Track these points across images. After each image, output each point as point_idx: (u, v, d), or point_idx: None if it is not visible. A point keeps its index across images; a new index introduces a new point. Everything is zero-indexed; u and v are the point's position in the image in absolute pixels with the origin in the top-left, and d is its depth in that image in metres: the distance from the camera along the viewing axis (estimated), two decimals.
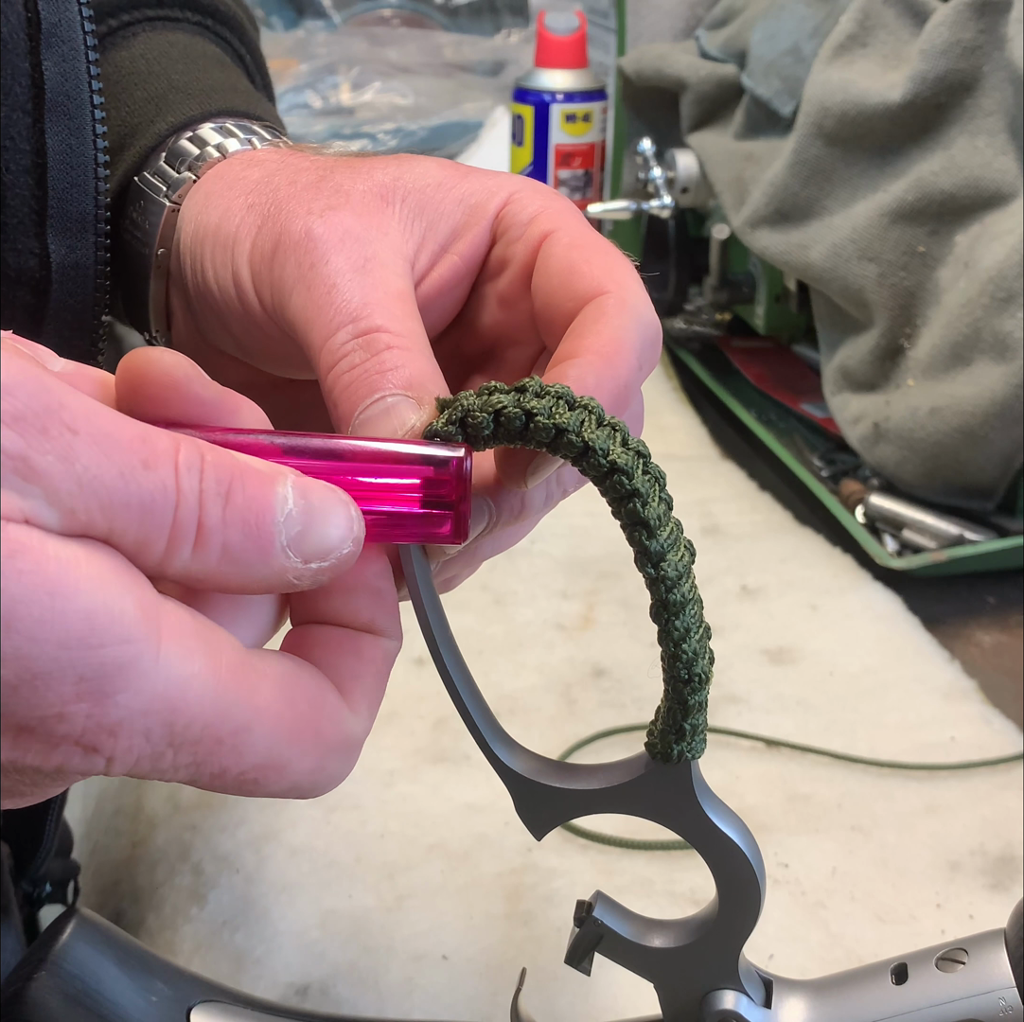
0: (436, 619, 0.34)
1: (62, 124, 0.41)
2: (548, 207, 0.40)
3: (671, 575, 0.32)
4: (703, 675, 0.33)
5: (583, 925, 0.37)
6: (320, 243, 0.37)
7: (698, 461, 1.02)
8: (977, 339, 0.85)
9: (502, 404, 0.31)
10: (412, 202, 0.40)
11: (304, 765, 0.31)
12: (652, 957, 0.37)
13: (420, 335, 0.37)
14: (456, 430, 0.32)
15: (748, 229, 1.01)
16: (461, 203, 0.40)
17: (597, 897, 0.38)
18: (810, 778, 0.67)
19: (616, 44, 1.35)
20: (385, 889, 0.60)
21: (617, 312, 0.36)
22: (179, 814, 0.66)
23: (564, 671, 0.75)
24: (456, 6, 1.96)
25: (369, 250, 0.38)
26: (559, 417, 0.31)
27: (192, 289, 0.42)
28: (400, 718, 0.71)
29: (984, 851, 0.62)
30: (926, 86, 0.88)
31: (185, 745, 0.28)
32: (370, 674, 0.33)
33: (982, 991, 0.34)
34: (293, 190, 0.39)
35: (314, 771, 0.31)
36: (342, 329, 0.36)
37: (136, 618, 0.26)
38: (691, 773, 0.34)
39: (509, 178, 0.41)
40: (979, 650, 0.80)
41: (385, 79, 1.72)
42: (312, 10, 1.97)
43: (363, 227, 0.38)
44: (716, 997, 0.37)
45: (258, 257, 0.39)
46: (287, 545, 0.28)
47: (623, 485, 0.31)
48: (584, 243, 0.39)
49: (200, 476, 0.27)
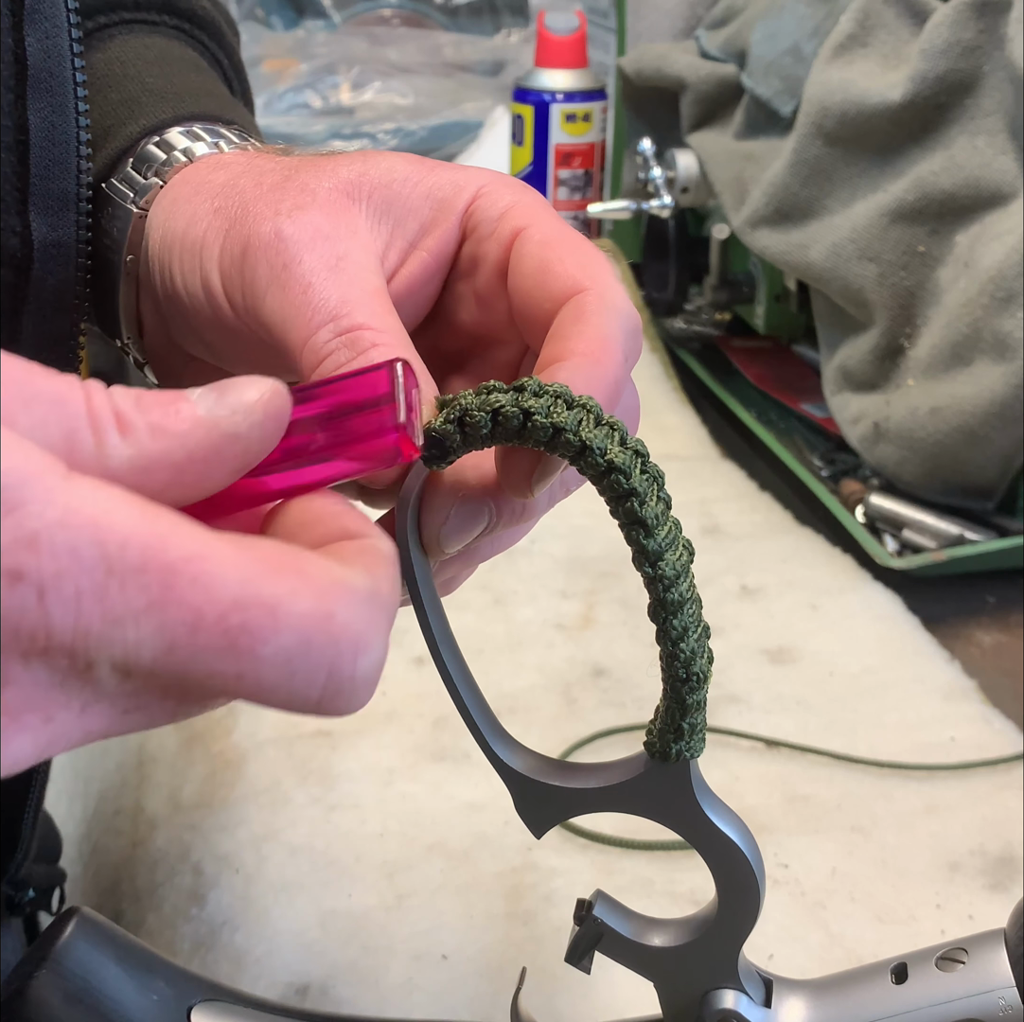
0: (436, 619, 0.34)
1: (44, 101, 0.41)
2: (518, 201, 0.40)
3: (669, 574, 0.31)
4: (701, 674, 0.33)
5: (583, 923, 0.37)
6: (291, 243, 0.37)
7: (698, 461, 1.02)
8: (977, 339, 0.85)
9: (500, 403, 0.31)
10: (378, 198, 0.40)
11: (300, 605, 0.25)
12: (652, 956, 0.37)
13: (401, 331, 0.36)
14: (454, 429, 0.32)
15: (748, 229, 1.01)
16: (428, 198, 0.40)
17: (597, 896, 0.38)
18: (810, 778, 0.67)
19: (616, 44, 1.35)
20: (385, 888, 0.60)
21: (596, 310, 0.36)
22: (179, 814, 0.66)
23: (564, 671, 0.75)
24: (456, 6, 1.96)
25: (340, 248, 0.38)
26: (557, 416, 0.31)
27: (161, 295, 0.42)
28: (400, 717, 0.71)
29: (984, 851, 0.62)
30: (926, 86, 0.88)
31: (129, 575, 0.24)
32: (355, 548, 0.29)
33: (982, 990, 0.34)
34: (259, 191, 0.39)
35: (320, 616, 0.26)
36: (323, 327, 0.36)
37: (41, 454, 0.25)
38: (690, 772, 0.34)
39: (477, 172, 0.41)
40: (979, 650, 0.80)
41: (385, 79, 1.73)
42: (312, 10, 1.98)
43: (332, 226, 0.38)
44: (716, 996, 0.37)
45: (228, 261, 0.38)
46: (210, 407, 0.28)
47: (621, 484, 0.31)
48: (556, 239, 0.39)
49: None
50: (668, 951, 0.37)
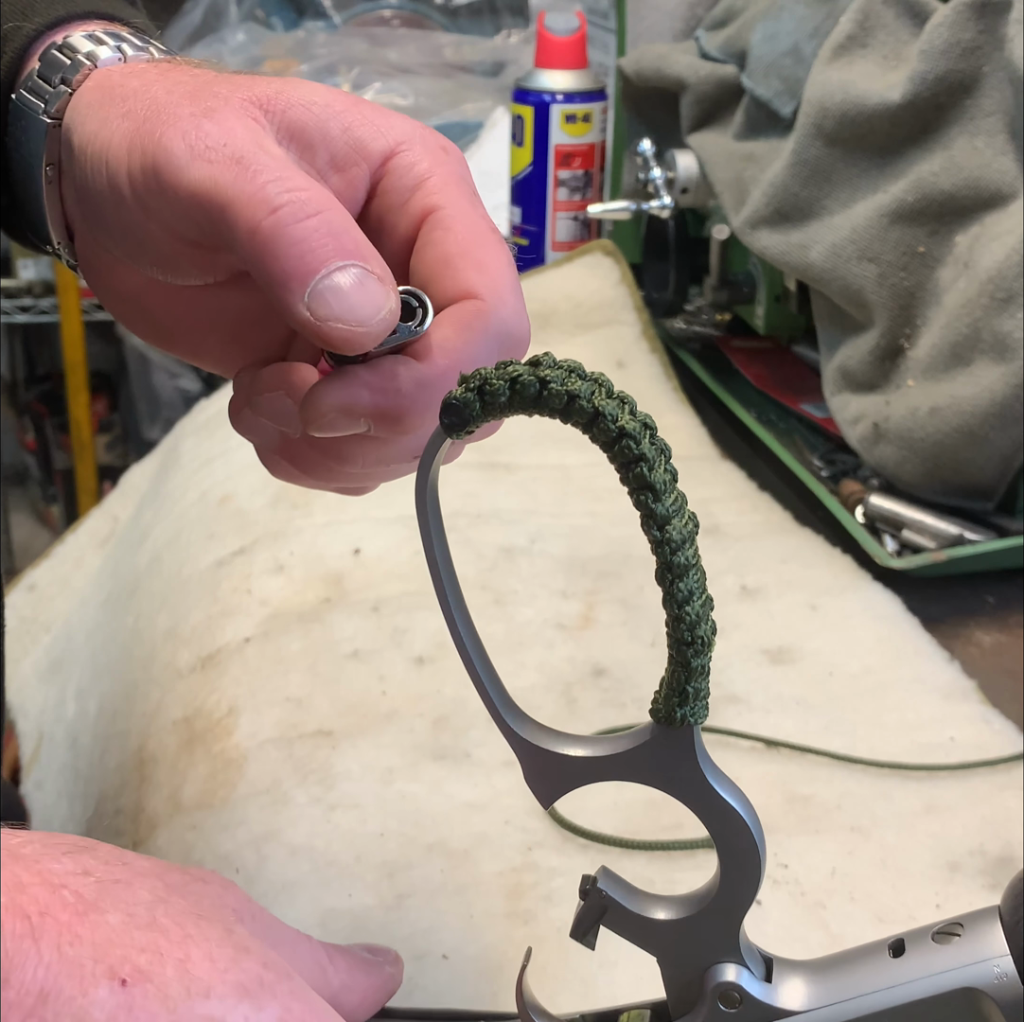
0: (451, 585, 0.36)
1: None
2: (435, 171, 0.40)
3: (675, 538, 0.33)
4: (705, 638, 0.34)
5: (587, 897, 0.38)
6: (212, 130, 0.38)
7: (698, 461, 1.02)
8: (977, 339, 0.85)
9: (518, 372, 0.33)
10: (293, 116, 0.40)
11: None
12: (655, 929, 0.38)
13: (343, 208, 0.37)
14: (474, 397, 0.34)
15: (748, 229, 1.01)
16: (345, 132, 0.40)
17: (601, 871, 0.39)
18: (809, 778, 0.67)
19: (616, 45, 1.35)
20: (385, 888, 0.60)
21: (477, 326, 0.38)
22: (180, 814, 0.66)
23: (564, 671, 0.75)
24: (456, 6, 1.97)
25: (259, 137, 0.38)
26: (571, 384, 0.33)
27: (80, 197, 0.43)
28: (400, 717, 0.71)
29: (983, 851, 0.62)
30: (926, 87, 0.88)
31: None
32: None
33: (977, 960, 0.35)
34: (171, 98, 0.40)
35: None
36: (268, 184, 0.36)
37: None
38: (694, 739, 0.35)
39: (400, 121, 0.41)
40: (979, 650, 0.80)
41: (385, 79, 1.73)
42: (312, 10, 1.98)
43: (246, 127, 0.39)
44: (718, 970, 0.38)
45: (138, 156, 0.39)
46: None
47: (631, 449, 0.33)
48: (463, 232, 0.39)
49: None
50: (671, 924, 0.38)
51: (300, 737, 0.69)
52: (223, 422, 1.10)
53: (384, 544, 0.86)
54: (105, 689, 0.88)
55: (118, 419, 2.82)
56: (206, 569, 0.86)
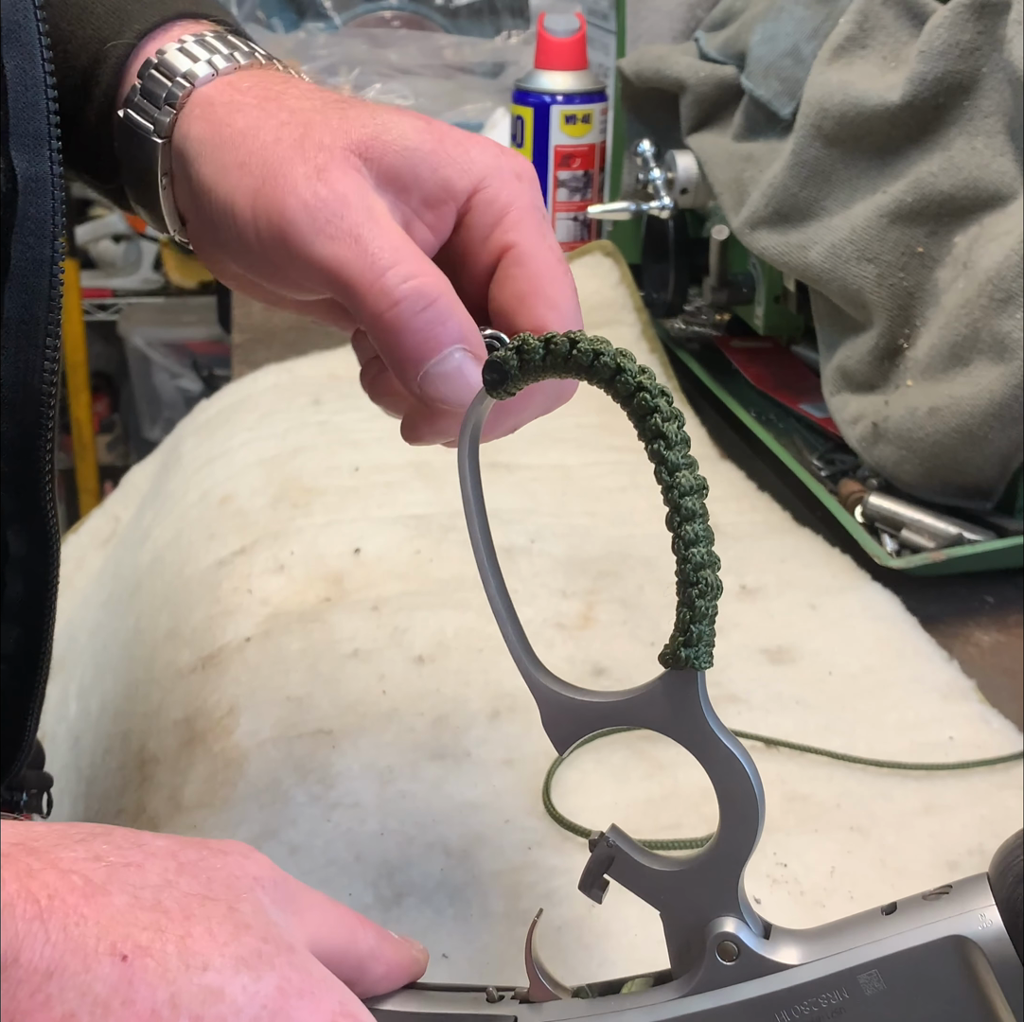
0: (485, 540, 0.40)
1: (16, 51, 0.45)
2: (513, 203, 0.45)
3: (685, 485, 0.37)
4: (709, 581, 0.36)
5: (596, 847, 0.40)
6: (328, 203, 0.42)
7: (697, 461, 1.02)
8: (976, 340, 0.85)
9: (552, 334, 0.38)
10: (388, 164, 0.44)
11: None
12: (659, 880, 0.40)
13: (441, 273, 0.42)
14: (513, 355, 0.38)
15: (747, 230, 1.02)
16: (434, 173, 0.44)
17: (612, 827, 0.41)
18: (809, 778, 0.67)
19: (616, 46, 1.35)
20: (384, 887, 0.60)
21: None
22: (180, 814, 0.66)
23: (564, 670, 0.75)
24: (456, 7, 1.97)
25: (367, 198, 0.43)
26: (599, 345, 0.37)
27: (199, 215, 0.47)
28: (400, 716, 0.71)
29: (983, 851, 0.62)
30: (925, 87, 0.89)
31: None
32: None
33: (964, 911, 0.37)
34: (279, 148, 0.44)
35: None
36: (388, 272, 0.41)
37: None
38: (698, 685, 0.38)
39: (480, 153, 0.45)
40: (978, 650, 0.81)
41: (386, 80, 1.73)
42: (313, 11, 1.98)
43: (355, 185, 0.43)
44: (717, 923, 0.40)
45: (263, 220, 0.43)
46: None
47: (647, 401, 0.37)
48: (537, 267, 0.44)
49: None
50: (674, 875, 0.40)
51: (300, 736, 0.69)
52: (223, 422, 1.10)
53: (384, 544, 0.86)
54: (107, 689, 0.88)
55: (119, 419, 2.82)
56: (207, 569, 0.87)
